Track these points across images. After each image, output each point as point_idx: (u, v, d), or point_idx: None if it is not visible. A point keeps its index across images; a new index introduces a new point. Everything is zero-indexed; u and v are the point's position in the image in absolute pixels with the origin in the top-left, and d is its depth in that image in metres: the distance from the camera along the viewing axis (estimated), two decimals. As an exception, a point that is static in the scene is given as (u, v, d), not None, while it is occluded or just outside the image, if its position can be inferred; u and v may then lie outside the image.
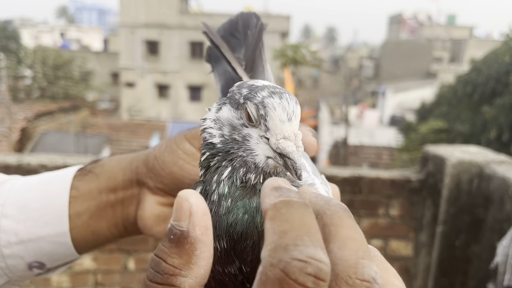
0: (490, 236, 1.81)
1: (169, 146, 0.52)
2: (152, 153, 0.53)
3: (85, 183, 0.53)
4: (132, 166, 0.54)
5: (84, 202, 0.53)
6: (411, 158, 14.27)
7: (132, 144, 18.37)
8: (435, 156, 1.99)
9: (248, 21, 0.55)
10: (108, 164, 0.55)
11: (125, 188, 0.54)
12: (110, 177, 0.54)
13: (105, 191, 0.53)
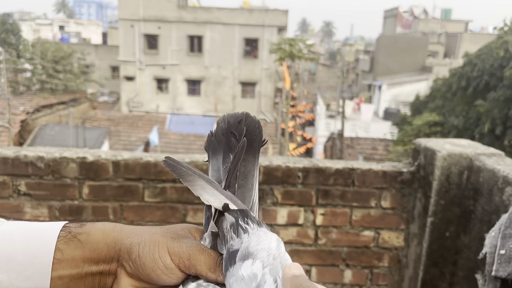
0: (479, 227, 1.85)
1: (152, 252, 0.54)
2: (136, 247, 0.55)
3: (69, 248, 0.55)
4: (116, 247, 0.56)
5: (67, 268, 0.55)
6: (405, 151, 14.34)
7: (132, 136, 18.36)
8: (426, 149, 2.03)
9: (251, 128, 0.57)
10: (93, 234, 0.57)
11: (106, 262, 0.56)
12: (95, 250, 0.56)
13: (88, 261, 0.55)
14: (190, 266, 0.53)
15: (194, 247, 0.54)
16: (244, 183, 0.56)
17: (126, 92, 25.93)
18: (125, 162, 1.98)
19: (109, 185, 1.99)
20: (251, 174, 0.57)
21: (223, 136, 0.58)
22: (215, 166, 0.58)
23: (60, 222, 0.57)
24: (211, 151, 0.59)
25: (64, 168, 1.96)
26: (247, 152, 0.56)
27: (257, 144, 0.57)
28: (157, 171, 1.99)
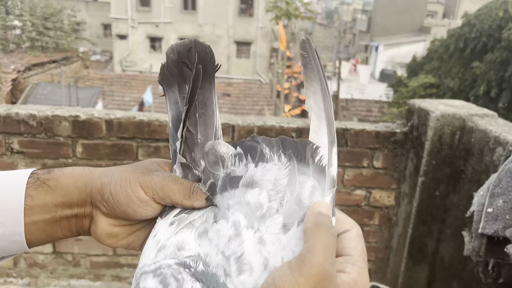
0: (469, 186, 1.88)
1: (124, 189, 0.54)
2: (107, 187, 0.55)
3: (40, 194, 0.55)
4: (87, 190, 0.56)
5: (40, 213, 0.55)
6: (400, 113, 14.37)
7: (125, 96, 18.18)
8: (420, 109, 2.03)
9: (202, 54, 0.56)
10: (63, 180, 0.56)
11: (79, 205, 0.56)
12: (66, 194, 0.56)
13: (61, 206, 0.55)
14: (165, 196, 0.54)
15: (166, 178, 0.55)
16: (204, 111, 0.56)
17: (118, 51, 25.44)
18: (118, 121, 1.97)
19: (103, 144, 1.99)
20: (210, 101, 0.57)
21: (174, 67, 0.57)
22: (172, 99, 0.58)
23: (28, 170, 0.57)
24: (166, 84, 0.58)
25: (57, 127, 1.95)
26: (202, 80, 0.55)
27: (211, 70, 0.57)
28: (151, 130, 1.99)
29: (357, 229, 0.50)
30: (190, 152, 0.56)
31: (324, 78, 0.56)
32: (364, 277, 0.45)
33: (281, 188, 0.49)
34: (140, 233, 0.59)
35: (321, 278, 0.40)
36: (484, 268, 1.61)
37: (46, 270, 2.21)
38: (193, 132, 0.56)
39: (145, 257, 0.50)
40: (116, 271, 2.23)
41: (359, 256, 0.47)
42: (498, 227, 1.44)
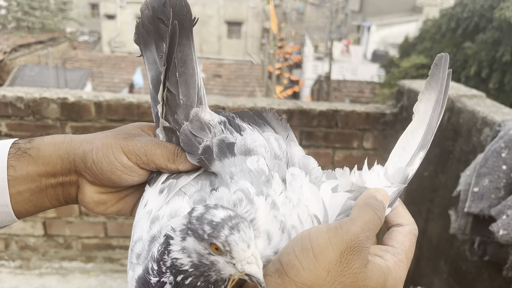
0: (456, 167, 1.91)
1: (106, 155, 0.53)
2: (89, 155, 0.54)
3: (22, 164, 0.54)
4: (70, 158, 0.55)
5: (24, 183, 0.54)
6: (392, 93, 14.39)
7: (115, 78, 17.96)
8: (409, 90, 2.04)
9: (178, 8, 0.53)
10: (44, 148, 0.55)
11: (64, 174, 0.55)
12: (48, 163, 0.54)
13: (44, 175, 0.54)
14: (149, 161, 0.53)
15: (149, 142, 0.54)
16: (184, 69, 0.54)
17: (107, 31, 25.01)
18: (107, 103, 1.95)
19: (92, 126, 1.98)
20: (190, 58, 0.54)
21: (150, 24, 0.54)
22: (150, 59, 0.56)
23: (9, 140, 0.56)
24: (142, 43, 0.56)
25: (45, 109, 1.93)
26: (179, 36, 0.52)
27: (188, 25, 0.54)
28: (140, 112, 1.98)
29: (411, 227, 0.50)
30: (173, 114, 0.54)
31: (445, 94, 0.58)
32: (400, 270, 0.45)
33: (273, 151, 0.52)
34: (129, 199, 0.59)
35: (353, 245, 0.41)
36: (470, 246, 1.65)
37: (38, 252, 2.21)
38: (174, 93, 0.54)
39: (138, 229, 0.50)
40: (108, 252, 2.25)
41: (403, 251, 0.47)
42: (484, 206, 1.47)
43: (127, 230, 2.22)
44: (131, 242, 0.50)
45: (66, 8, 26.06)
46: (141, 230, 0.49)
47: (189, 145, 0.52)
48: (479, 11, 13.38)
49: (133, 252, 0.49)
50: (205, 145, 0.51)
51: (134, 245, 0.49)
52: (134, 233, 0.50)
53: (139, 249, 0.48)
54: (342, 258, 0.40)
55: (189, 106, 0.54)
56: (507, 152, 1.44)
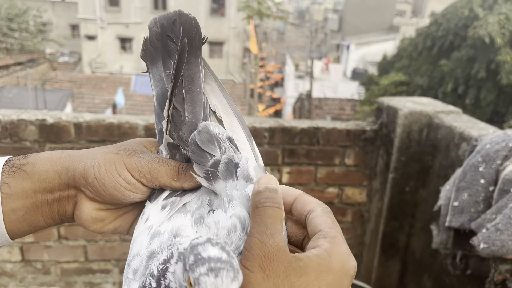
0: (437, 181, 1.94)
1: (109, 171, 0.52)
2: (90, 170, 0.52)
3: (17, 181, 0.52)
4: (69, 174, 0.53)
5: (18, 200, 0.52)
6: (372, 110, 14.61)
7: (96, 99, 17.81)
8: (388, 107, 2.08)
9: (188, 26, 0.53)
10: (40, 164, 0.53)
11: (61, 190, 0.53)
12: (44, 179, 0.53)
13: (40, 191, 0.53)
14: (153, 179, 0.52)
15: (153, 160, 0.53)
16: (191, 87, 0.53)
17: (87, 52, 24.92)
18: (87, 124, 1.93)
19: (72, 147, 1.94)
20: (197, 76, 0.54)
21: (158, 41, 0.54)
22: (157, 76, 0.55)
23: (2, 157, 0.54)
24: (149, 60, 0.55)
25: (23, 131, 1.89)
26: (188, 54, 0.52)
27: (197, 43, 0.53)
28: (121, 133, 1.96)
29: (322, 207, 0.49)
30: (178, 131, 0.53)
31: (216, 76, 0.56)
32: (338, 246, 0.44)
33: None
34: (127, 216, 0.57)
35: (268, 255, 0.40)
36: (452, 260, 1.66)
37: (15, 279, 2.14)
38: (180, 110, 0.53)
39: (137, 243, 0.48)
40: (88, 277, 2.19)
41: (329, 228, 0.46)
42: (464, 220, 1.49)
43: (108, 253, 2.17)
44: (129, 256, 0.48)
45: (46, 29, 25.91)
46: (140, 245, 0.47)
47: (199, 155, 0.50)
48: (453, 29, 13.83)
49: (129, 267, 0.47)
50: (216, 159, 0.50)
51: (131, 260, 0.47)
52: (133, 248, 0.49)
53: (136, 265, 0.46)
54: (264, 275, 0.40)
55: (194, 124, 0.53)
56: (484, 166, 1.48)
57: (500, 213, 1.35)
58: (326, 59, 29.48)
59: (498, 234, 1.29)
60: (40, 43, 23.62)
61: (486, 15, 12.79)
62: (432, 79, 14.37)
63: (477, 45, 12.82)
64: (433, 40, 14.55)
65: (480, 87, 13.11)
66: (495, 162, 1.47)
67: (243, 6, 21.23)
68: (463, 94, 13.49)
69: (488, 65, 12.75)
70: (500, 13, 12.65)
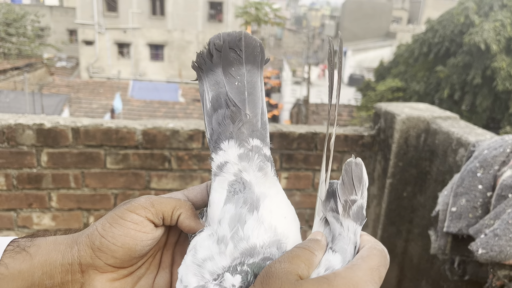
0: (434, 187, 1.94)
1: (115, 221, 0.51)
2: (95, 233, 0.51)
3: (15, 262, 0.50)
4: (73, 250, 0.51)
5: (13, 282, 0.50)
6: (369, 116, 14.66)
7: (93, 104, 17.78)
8: (386, 113, 2.08)
9: (252, 45, 0.55)
10: (44, 246, 0.52)
11: (63, 273, 0.51)
12: (45, 261, 0.51)
13: (38, 273, 0.50)
14: (157, 211, 0.52)
15: (153, 197, 0.53)
16: (252, 90, 0.54)
17: (85, 57, 24.92)
18: (85, 129, 1.92)
19: (69, 152, 1.94)
20: (257, 85, 0.55)
21: (219, 52, 0.55)
22: (212, 81, 0.55)
23: (8, 237, 0.52)
24: (204, 68, 0.56)
25: (20, 135, 1.88)
26: (251, 64, 0.54)
27: (259, 60, 0.55)
28: (119, 138, 1.95)
29: (371, 243, 0.48)
30: (234, 126, 0.53)
31: None
32: (352, 270, 0.43)
33: None
34: (144, 282, 0.55)
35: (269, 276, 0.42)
36: (450, 265, 1.66)
37: None
38: (240, 108, 0.53)
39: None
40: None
41: (359, 258, 0.46)
42: (462, 226, 1.49)
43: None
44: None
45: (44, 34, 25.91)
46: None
47: (348, 183, 0.52)
48: (449, 36, 13.92)
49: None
50: (354, 198, 0.51)
51: None
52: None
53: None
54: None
55: (255, 124, 0.53)
56: (482, 172, 1.48)
57: (498, 219, 1.35)
58: (323, 65, 29.58)
59: (497, 240, 1.30)
60: (37, 48, 23.61)
61: (482, 22, 12.88)
62: (429, 85, 14.44)
63: (473, 51, 12.90)
64: (429, 47, 14.63)
65: (476, 94, 13.18)
66: (493, 167, 1.47)
67: (241, 12, 21.31)
68: (459, 100, 13.55)
69: (484, 71, 12.82)
70: (496, 20, 12.75)
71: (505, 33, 12.48)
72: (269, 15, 21.93)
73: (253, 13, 21.18)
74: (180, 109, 17.37)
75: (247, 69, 0.54)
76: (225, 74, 0.55)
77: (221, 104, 0.54)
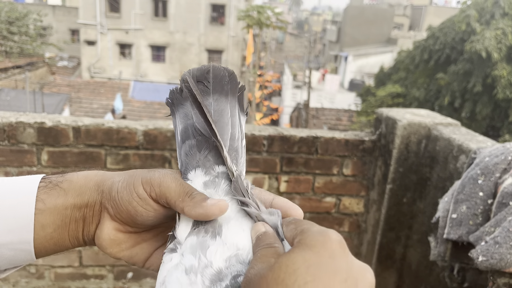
0: (434, 193, 1.94)
1: (128, 185, 0.54)
2: (116, 184, 0.55)
3: (51, 198, 0.54)
4: (99, 189, 0.56)
5: (50, 216, 0.54)
6: (369, 121, 14.67)
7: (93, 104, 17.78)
8: (387, 118, 2.08)
9: (220, 75, 0.57)
10: (76, 181, 0.56)
11: (89, 206, 0.56)
12: (78, 195, 0.55)
13: (70, 207, 0.55)
14: (161, 194, 0.52)
15: (168, 175, 0.54)
16: (219, 118, 0.55)
17: (87, 57, 24.96)
18: (86, 128, 1.92)
19: (70, 151, 1.94)
20: (225, 112, 0.56)
21: (188, 85, 0.57)
22: (182, 114, 0.57)
23: (38, 175, 0.56)
24: (175, 103, 0.58)
25: (21, 134, 1.88)
26: (218, 94, 0.56)
27: (228, 88, 0.57)
28: (120, 138, 1.95)
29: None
30: (201, 153, 0.55)
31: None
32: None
33: None
34: (145, 247, 0.58)
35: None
36: (450, 272, 1.65)
37: (8, 282, 2.12)
38: (207, 136, 0.54)
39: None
40: (82, 282, 2.17)
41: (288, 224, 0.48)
42: (462, 232, 1.49)
43: (103, 259, 2.15)
44: None
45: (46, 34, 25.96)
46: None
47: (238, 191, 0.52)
48: (450, 43, 13.96)
49: None
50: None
51: None
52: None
53: None
54: None
55: (221, 148, 0.54)
56: (483, 179, 1.48)
57: (499, 226, 1.35)
58: (324, 70, 29.63)
59: (497, 247, 1.29)
60: (39, 47, 23.63)
61: (483, 30, 12.92)
62: (429, 92, 14.46)
63: (473, 59, 12.93)
64: (430, 53, 14.67)
65: (476, 101, 13.20)
66: (494, 175, 1.47)
67: (243, 15, 21.36)
68: (459, 108, 13.57)
69: (484, 79, 12.85)
70: (497, 28, 12.79)
71: (506, 41, 12.51)
72: (271, 19, 21.98)
73: (255, 17, 21.23)
74: (180, 111, 17.33)
75: (214, 98, 0.56)
76: (192, 106, 0.56)
77: (189, 135, 0.55)
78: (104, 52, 24.91)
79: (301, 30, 50.53)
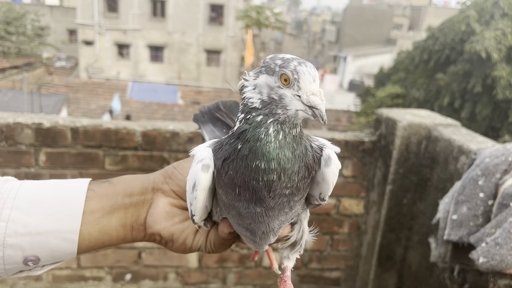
0: (434, 194, 1.93)
1: (188, 159, 0.64)
2: (169, 167, 0.65)
3: (102, 188, 0.61)
4: (150, 178, 0.64)
5: (99, 202, 0.59)
6: (368, 122, 14.66)
7: (91, 104, 17.75)
8: (387, 119, 2.07)
9: (229, 105, 0.76)
10: (125, 177, 0.64)
11: (140, 194, 0.62)
12: (127, 185, 0.62)
13: (121, 195, 0.61)
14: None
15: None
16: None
17: (84, 57, 24.90)
18: (84, 129, 1.91)
19: (68, 152, 1.93)
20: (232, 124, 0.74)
21: (206, 115, 0.76)
22: (208, 129, 0.74)
23: (88, 179, 0.63)
24: (201, 122, 0.76)
25: (19, 134, 1.87)
26: (234, 114, 0.73)
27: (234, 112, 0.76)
28: (118, 139, 1.94)
29: None
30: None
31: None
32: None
33: None
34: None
35: None
36: (450, 274, 1.64)
37: (6, 284, 2.10)
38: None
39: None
40: (80, 284, 2.15)
41: None
42: (463, 234, 1.48)
43: (101, 261, 2.14)
44: None
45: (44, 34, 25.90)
46: None
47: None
48: (450, 44, 13.95)
49: None
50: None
51: None
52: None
53: None
54: None
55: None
56: (484, 180, 1.47)
57: (500, 227, 1.34)
58: (323, 70, 29.62)
59: (498, 249, 1.28)
60: (37, 47, 23.58)
61: (483, 31, 12.91)
62: (428, 93, 14.46)
63: (473, 60, 12.93)
64: (429, 54, 14.66)
65: (475, 102, 13.20)
66: (495, 176, 1.46)
67: (242, 15, 21.35)
68: (459, 108, 13.56)
69: (484, 80, 12.84)
70: (497, 28, 12.79)
71: (505, 42, 12.52)
72: (270, 19, 21.97)
73: (254, 17, 21.22)
74: (178, 111, 17.35)
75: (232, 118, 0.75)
76: (214, 126, 0.75)
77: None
78: (102, 53, 24.87)
79: (300, 31, 50.52)
